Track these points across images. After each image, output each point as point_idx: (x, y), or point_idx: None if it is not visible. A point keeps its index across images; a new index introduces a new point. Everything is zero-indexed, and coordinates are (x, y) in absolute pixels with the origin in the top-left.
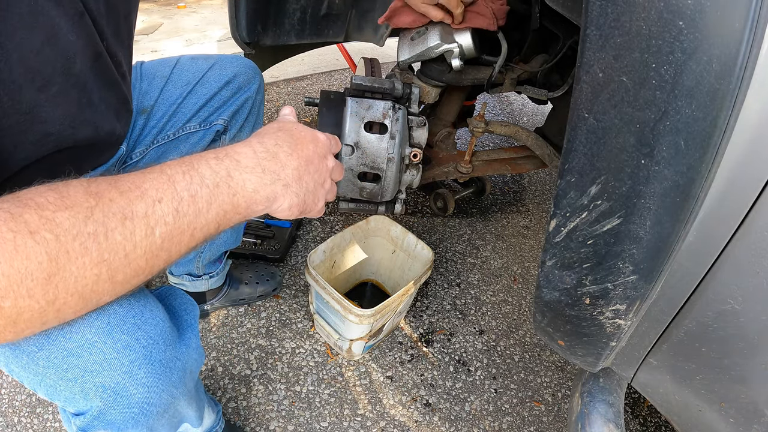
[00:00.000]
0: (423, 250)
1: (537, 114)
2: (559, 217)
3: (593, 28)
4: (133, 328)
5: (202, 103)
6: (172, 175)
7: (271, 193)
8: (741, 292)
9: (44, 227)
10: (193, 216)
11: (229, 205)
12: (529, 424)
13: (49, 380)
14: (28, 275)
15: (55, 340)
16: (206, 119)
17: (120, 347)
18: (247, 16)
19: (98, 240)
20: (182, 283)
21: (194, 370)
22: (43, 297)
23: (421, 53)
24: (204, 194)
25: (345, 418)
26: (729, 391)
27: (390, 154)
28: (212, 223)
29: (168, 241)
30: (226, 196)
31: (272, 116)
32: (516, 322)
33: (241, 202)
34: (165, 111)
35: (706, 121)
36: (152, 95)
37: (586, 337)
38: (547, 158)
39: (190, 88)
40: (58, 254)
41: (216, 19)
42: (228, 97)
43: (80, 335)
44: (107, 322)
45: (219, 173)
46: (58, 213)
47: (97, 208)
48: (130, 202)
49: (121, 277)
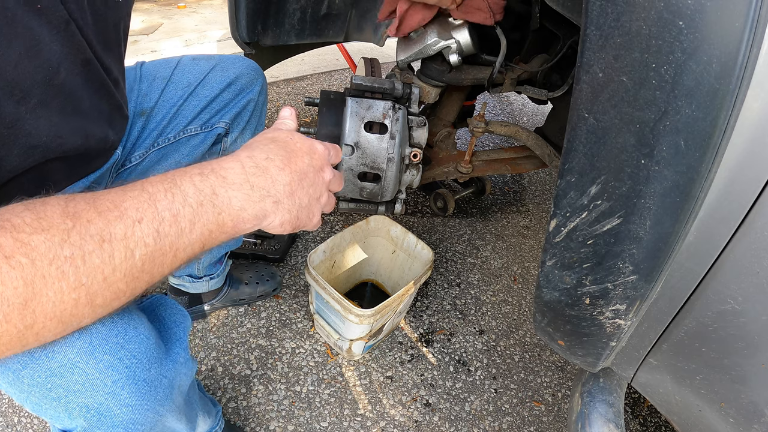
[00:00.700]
0: (423, 250)
1: (537, 114)
2: (559, 217)
3: (593, 28)
4: (116, 348)
5: (204, 105)
6: (153, 194)
7: (259, 210)
8: (741, 292)
9: (19, 251)
10: (175, 236)
11: (214, 225)
12: (529, 424)
13: (34, 398)
14: (4, 301)
15: (38, 359)
16: (207, 121)
17: (102, 367)
18: (247, 16)
19: (75, 264)
20: (182, 284)
21: (183, 385)
22: (20, 321)
23: (419, 51)
24: (187, 213)
25: (345, 418)
26: (729, 391)
27: (390, 154)
28: (196, 243)
29: (149, 263)
30: (210, 215)
31: (273, 116)
32: (516, 322)
33: (227, 220)
34: (165, 113)
35: (706, 121)
36: (152, 97)
37: (586, 337)
38: (547, 158)
39: (192, 89)
40: (34, 279)
41: (216, 19)
42: (230, 99)
43: (62, 355)
44: (89, 342)
45: (203, 191)
46: (33, 236)
47: (74, 230)
48: (108, 223)
49: (100, 301)
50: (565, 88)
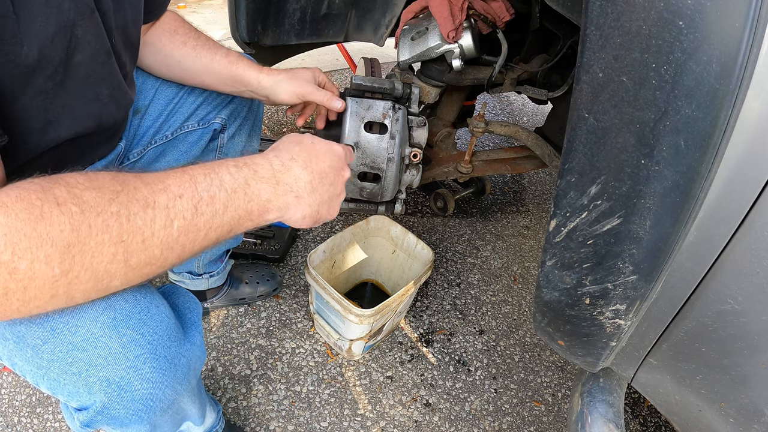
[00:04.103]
0: (423, 250)
1: (537, 114)
2: (559, 217)
3: (593, 28)
4: (139, 324)
5: (200, 101)
6: (194, 176)
7: (283, 203)
8: (741, 292)
9: (71, 201)
10: (210, 216)
11: (243, 211)
12: (529, 424)
13: (52, 374)
14: (48, 240)
15: (60, 333)
16: (204, 117)
17: (125, 342)
18: (247, 16)
19: (120, 220)
20: (182, 281)
21: (197, 368)
22: (59, 265)
23: (421, 53)
24: (222, 197)
25: (345, 418)
26: (729, 391)
27: (390, 154)
28: (226, 226)
29: (184, 235)
30: (242, 201)
31: (274, 115)
32: (516, 322)
33: (254, 208)
34: (161, 110)
35: (706, 121)
36: (146, 95)
37: (586, 337)
38: (547, 158)
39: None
40: (81, 226)
41: (216, 19)
42: (226, 94)
43: (86, 329)
44: (113, 317)
45: (237, 180)
46: (86, 192)
47: (122, 192)
48: (153, 192)
49: (134, 262)
50: (565, 88)
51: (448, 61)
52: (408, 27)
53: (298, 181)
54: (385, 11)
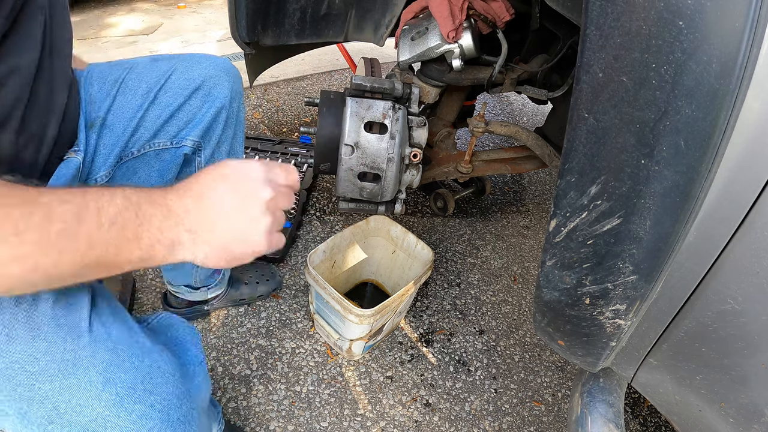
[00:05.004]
0: (423, 250)
1: (537, 114)
2: (559, 217)
3: (593, 28)
4: (145, 395)
5: (168, 115)
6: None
7: (175, 236)
8: (741, 292)
9: None
10: (93, 227)
11: (131, 233)
12: (529, 424)
13: None
14: None
15: (65, 414)
16: (177, 135)
17: (135, 418)
18: (247, 16)
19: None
20: (180, 293)
21: (205, 402)
22: None
23: (421, 53)
24: (111, 212)
25: (345, 418)
26: (729, 391)
27: (390, 154)
28: (111, 246)
29: (63, 239)
30: (131, 222)
31: (274, 115)
32: (516, 322)
33: (144, 235)
34: (126, 125)
35: (706, 121)
36: (103, 105)
37: (586, 337)
38: (547, 158)
39: (152, 96)
40: None
41: (216, 19)
42: (198, 106)
43: (90, 409)
44: (116, 393)
45: (130, 199)
46: None
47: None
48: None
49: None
50: (565, 88)
51: (448, 61)
52: (408, 27)
53: (189, 213)
54: (385, 11)
